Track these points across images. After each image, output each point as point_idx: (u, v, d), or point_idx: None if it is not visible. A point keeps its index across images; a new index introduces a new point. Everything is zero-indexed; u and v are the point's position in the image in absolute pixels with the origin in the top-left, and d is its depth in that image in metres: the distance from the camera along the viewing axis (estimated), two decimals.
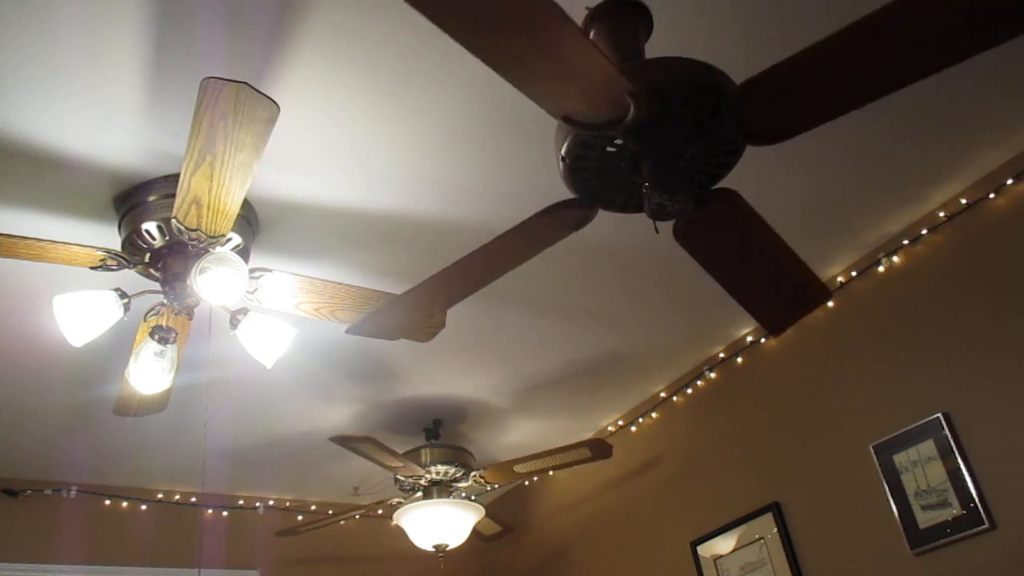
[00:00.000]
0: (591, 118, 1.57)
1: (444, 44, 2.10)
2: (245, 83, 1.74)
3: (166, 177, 2.37)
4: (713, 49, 2.04)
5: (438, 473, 3.88)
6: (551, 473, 4.67)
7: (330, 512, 4.67)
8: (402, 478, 3.87)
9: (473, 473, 3.91)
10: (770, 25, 2.18)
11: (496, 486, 4.75)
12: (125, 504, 4.14)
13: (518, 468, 3.84)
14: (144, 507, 4.19)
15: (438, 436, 4.01)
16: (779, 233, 3.11)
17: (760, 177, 2.66)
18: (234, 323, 2.47)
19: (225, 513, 4.39)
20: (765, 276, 2.12)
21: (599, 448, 3.72)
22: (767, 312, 2.23)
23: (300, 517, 4.58)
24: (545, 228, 1.86)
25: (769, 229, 1.96)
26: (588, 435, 4.44)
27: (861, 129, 2.60)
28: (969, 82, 2.48)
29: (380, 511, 4.64)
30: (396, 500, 3.96)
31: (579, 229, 1.88)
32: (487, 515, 4.09)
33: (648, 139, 1.65)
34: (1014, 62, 2.43)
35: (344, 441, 3.40)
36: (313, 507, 4.67)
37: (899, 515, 2.93)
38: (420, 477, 3.83)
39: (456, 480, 3.92)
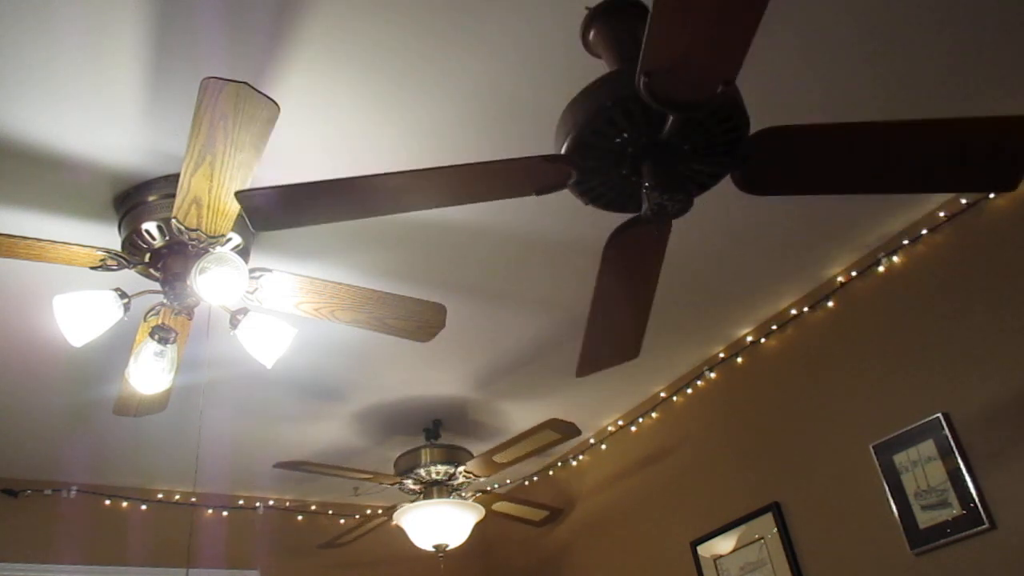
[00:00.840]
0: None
1: (443, 44, 2.11)
2: (245, 83, 1.74)
3: (166, 177, 2.37)
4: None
5: (438, 473, 3.88)
6: (551, 473, 4.68)
7: (330, 512, 4.68)
8: (412, 477, 3.89)
9: (460, 469, 3.91)
10: (770, 25, 2.18)
11: (495, 486, 4.76)
12: (125, 504, 4.14)
13: (497, 458, 3.83)
14: (144, 507, 4.19)
15: (438, 436, 4.01)
16: (779, 233, 3.13)
17: None
18: (234, 323, 2.47)
19: (225, 513, 4.39)
20: (622, 316, 2.14)
21: (563, 427, 3.69)
22: (590, 352, 2.21)
23: (300, 517, 4.59)
24: (518, 170, 1.76)
25: (658, 276, 1.97)
26: (588, 435, 4.44)
27: None
28: (969, 82, 2.48)
29: (380, 511, 4.64)
30: (391, 483, 3.96)
31: (541, 193, 1.80)
32: (527, 502, 4.14)
33: (668, 136, 1.67)
34: (1014, 62, 2.43)
35: (291, 467, 3.44)
36: (313, 507, 4.67)
37: (899, 515, 2.93)
38: (397, 484, 3.87)
39: (455, 480, 3.92)
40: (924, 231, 3.04)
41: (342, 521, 4.69)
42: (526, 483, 4.84)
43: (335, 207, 1.78)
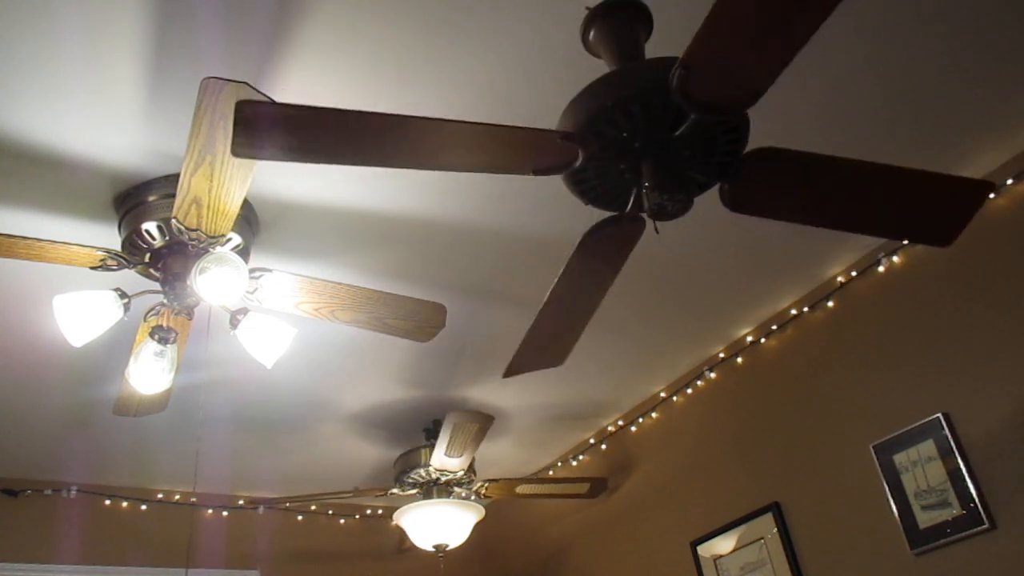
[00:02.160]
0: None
1: (443, 44, 2.11)
2: (245, 83, 1.73)
3: (166, 177, 2.37)
4: None
5: (438, 473, 3.88)
6: (551, 473, 4.67)
7: (330, 512, 4.68)
8: (417, 477, 3.88)
9: (477, 483, 3.93)
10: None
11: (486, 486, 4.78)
12: (125, 504, 4.14)
13: (520, 489, 3.94)
14: (144, 507, 4.19)
15: (438, 436, 4.01)
16: (779, 233, 3.13)
17: None
18: (234, 323, 2.47)
19: (225, 513, 4.39)
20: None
21: (596, 485, 3.96)
22: (922, 230, 2.06)
23: (300, 517, 4.59)
24: (519, 140, 1.68)
25: (848, 161, 1.85)
26: (588, 435, 4.44)
27: (860, 129, 2.60)
28: (969, 82, 2.48)
29: (380, 511, 4.65)
30: (391, 491, 3.95)
31: (538, 173, 1.75)
32: (567, 480, 4.21)
33: (634, 146, 1.68)
34: (1014, 62, 2.43)
35: (464, 417, 3.47)
36: (313, 507, 4.67)
37: (899, 515, 2.93)
38: (442, 474, 3.85)
39: (457, 483, 3.92)
40: None
41: (342, 521, 4.69)
42: None
43: (333, 143, 1.58)
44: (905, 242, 3.08)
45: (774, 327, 3.57)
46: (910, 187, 1.85)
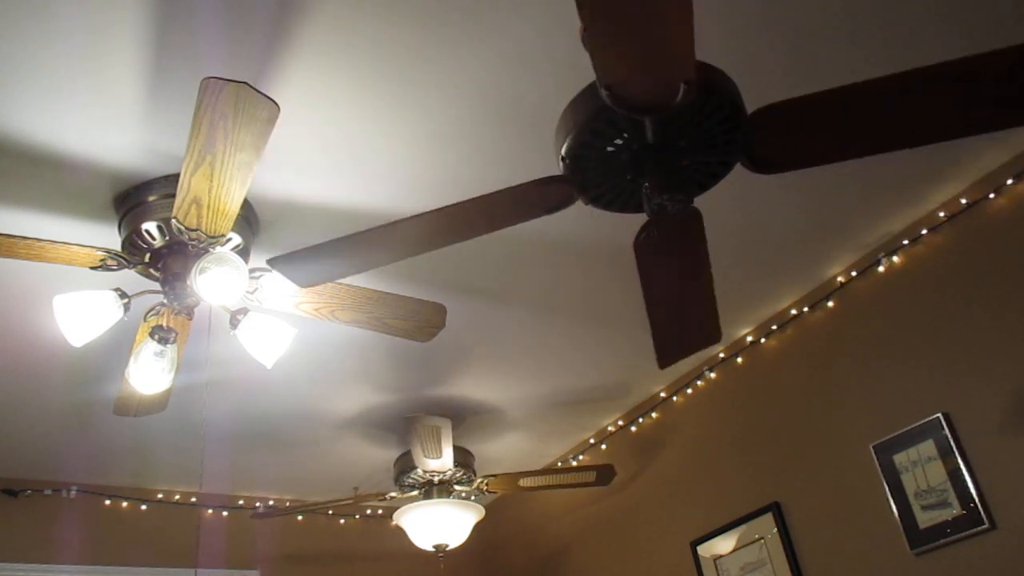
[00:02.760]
0: (632, 95, 1.51)
1: (444, 44, 2.11)
2: (245, 83, 1.73)
3: (166, 177, 2.37)
4: (712, 52, 2.04)
5: (439, 473, 3.88)
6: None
7: (330, 512, 4.67)
8: (416, 476, 3.87)
9: (478, 480, 3.92)
10: (769, 30, 2.18)
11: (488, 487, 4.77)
12: (125, 504, 4.14)
13: (523, 482, 3.89)
14: (144, 507, 4.19)
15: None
16: (779, 233, 3.15)
17: (760, 177, 2.65)
18: (234, 323, 2.47)
19: (225, 513, 4.39)
20: (683, 306, 2.15)
21: (605, 473, 3.82)
22: (665, 341, 2.26)
23: (300, 517, 4.59)
24: (522, 199, 1.78)
25: (708, 259, 1.99)
26: (587, 435, 4.44)
27: None
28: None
29: (380, 511, 4.65)
30: (391, 494, 3.95)
31: (551, 212, 1.83)
32: (574, 468, 4.16)
33: (656, 139, 1.65)
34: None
35: (416, 420, 3.47)
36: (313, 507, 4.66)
37: (899, 515, 2.93)
38: (435, 475, 3.84)
39: (457, 481, 3.92)
40: (924, 231, 3.04)
41: (342, 521, 4.69)
42: None
43: (355, 260, 2.00)
44: (906, 241, 3.08)
45: (774, 327, 3.57)
46: (956, 78, 1.62)
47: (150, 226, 2.37)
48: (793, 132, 1.69)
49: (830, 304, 3.35)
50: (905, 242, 3.10)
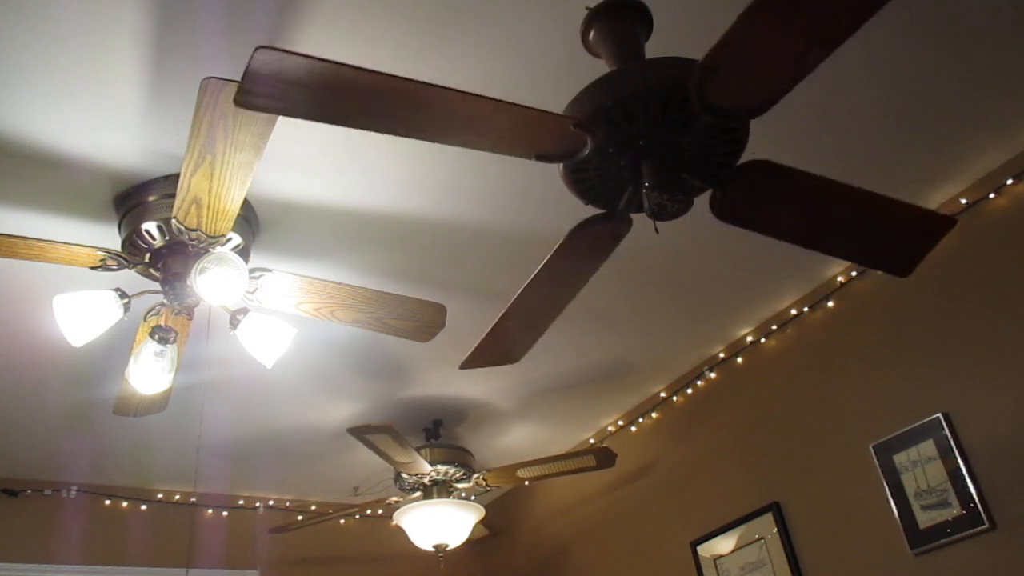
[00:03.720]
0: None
1: (443, 44, 2.11)
2: None
3: (166, 177, 2.37)
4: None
5: (438, 473, 3.88)
6: None
7: (330, 512, 4.67)
8: (407, 476, 3.87)
9: (475, 475, 3.92)
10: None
11: (488, 487, 4.76)
12: (125, 504, 4.14)
13: (521, 472, 3.85)
14: (144, 507, 4.19)
15: (438, 436, 4.01)
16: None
17: None
18: (234, 323, 2.47)
19: (225, 513, 4.39)
20: (857, 225, 2.02)
21: (604, 456, 3.72)
22: (884, 258, 2.12)
23: (300, 517, 4.59)
24: (527, 121, 1.61)
25: (830, 182, 1.87)
26: (587, 435, 4.44)
27: (860, 129, 2.60)
28: (969, 82, 2.48)
29: (380, 511, 4.64)
30: (394, 499, 3.95)
31: (541, 160, 1.71)
32: (556, 458, 4.10)
33: (638, 143, 1.67)
34: (1014, 62, 2.43)
35: (361, 432, 3.37)
36: (313, 507, 4.67)
37: (899, 515, 2.93)
38: (423, 476, 3.84)
39: (456, 480, 3.92)
40: None
41: (342, 521, 4.69)
42: (526, 483, 4.83)
43: (344, 102, 1.53)
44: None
45: (774, 327, 3.56)
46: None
47: (150, 226, 2.37)
48: (765, 196, 1.79)
49: (830, 304, 3.35)
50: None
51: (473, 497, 4.01)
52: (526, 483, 4.79)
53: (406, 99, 1.53)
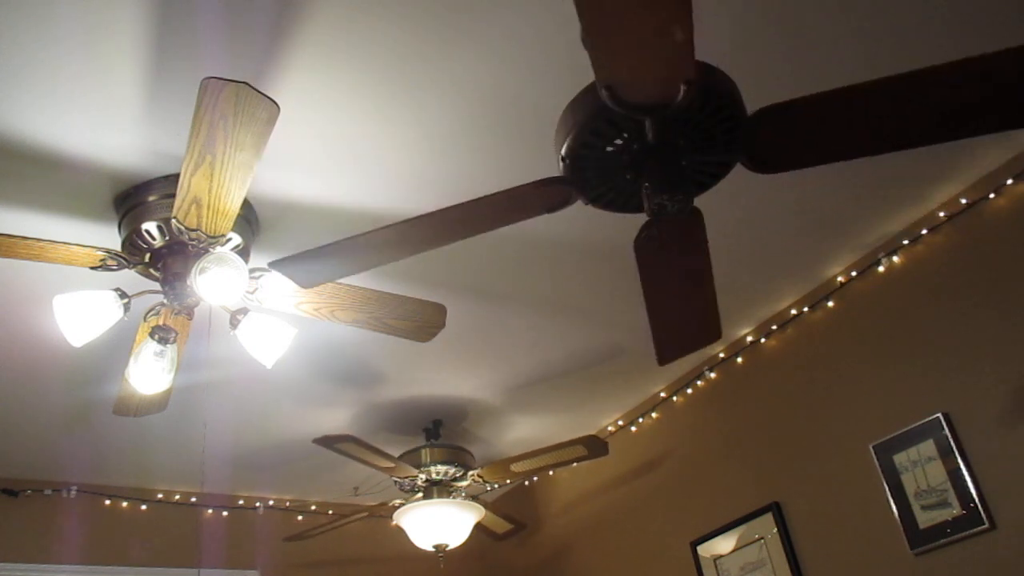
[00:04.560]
0: (632, 95, 1.51)
1: (444, 44, 2.11)
2: (245, 83, 1.73)
3: (166, 177, 2.37)
4: (714, 48, 2.04)
5: (438, 473, 3.88)
6: (551, 473, 4.68)
7: (330, 512, 4.67)
8: (398, 479, 3.87)
9: (471, 472, 3.91)
10: (773, 30, 2.18)
11: (496, 486, 4.76)
12: (125, 504, 4.14)
13: (515, 467, 3.83)
14: (144, 507, 4.19)
15: (438, 436, 4.01)
16: (779, 233, 3.15)
17: (760, 176, 2.65)
18: (234, 323, 2.47)
19: (225, 513, 4.39)
20: (683, 304, 2.16)
21: (595, 445, 3.70)
22: (665, 339, 2.28)
23: (300, 517, 4.59)
24: (521, 200, 1.80)
25: (709, 259, 2.01)
26: (587, 435, 4.43)
27: None
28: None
29: (385, 514, 4.64)
30: (398, 501, 3.95)
31: (551, 212, 1.84)
32: (497, 513, 4.10)
33: (656, 139, 1.65)
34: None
35: (328, 442, 3.41)
36: (313, 507, 4.67)
37: (899, 515, 2.93)
38: (415, 477, 3.84)
39: (456, 480, 3.92)
40: (924, 231, 3.04)
41: (333, 513, 4.68)
42: (526, 483, 4.84)
43: (355, 262, 2.02)
44: (906, 241, 3.08)
45: (774, 327, 3.57)
46: (965, 79, 1.62)
47: (150, 226, 2.37)
48: (793, 132, 1.69)
49: (830, 304, 3.35)
50: (905, 242, 3.10)
51: (474, 497, 4.01)
52: (526, 483, 4.81)
53: (418, 233, 1.90)
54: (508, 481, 4.76)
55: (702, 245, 2.00)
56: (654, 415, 4.13)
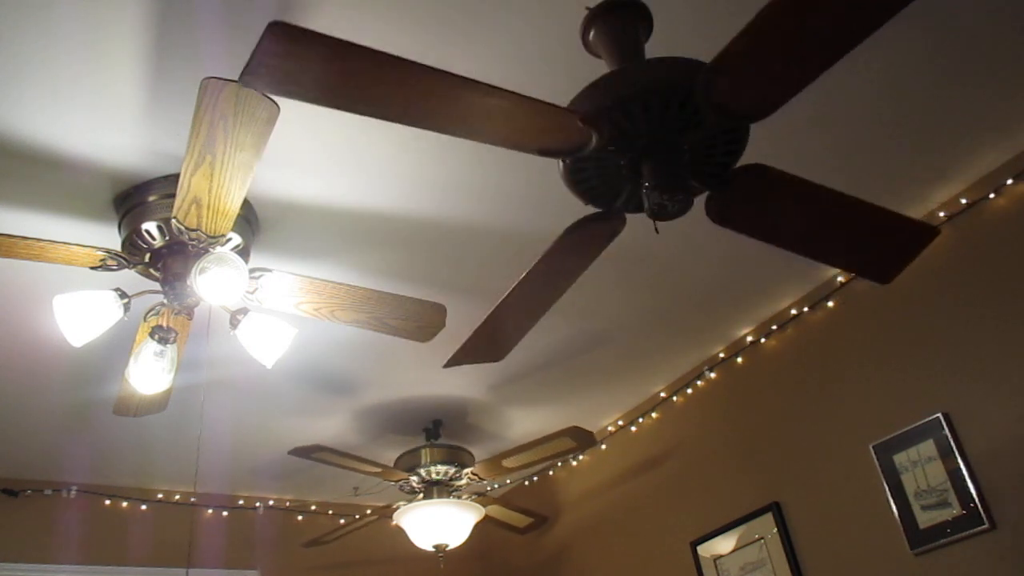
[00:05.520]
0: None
1: (443, 44, 2.11)
2: None
3: (166, 177, 2.37)
4: (715, 48, 2.04)
5: (438, 473, 3.88)
6: (551, 473, 4.68)
7: (330, 512, 4.68)
8: (390, 481, 3.88)
9: (466, 470, 3.91)
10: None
11: (496, 485, 4.76)
12: (125, 504, 4.14)
13: (507, 463, 3.83)
14: (144, 507, 4.19)
15: (438, 436, 4.01)
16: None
17: None
18: (234, 323, 2.47)
19: (225, 513, 4.39)
20: (845, 231, 2.05)
21: (581, 436, 3.68)
22: (867, 265, 2.18)
23: (300, 517, 4.59)
24: (534, 113, 1.59)
25: (823, 189, 1.89)
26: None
27: (861, 129, 2.60)
28: (969, 82, 2.48)
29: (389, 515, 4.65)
30: (402, 503, 3.95)
31: (544, 155, 1.72)
32: (514, 508, 4.15)
33: (639, 143, 1.67)
34: (1014, 62, 2.43)
35: (303, 452, 3.43)
36: (313, 507, 4.67)
37: (899, 515, 2.93)
38: (406, 480, 3.86)
39: (455, 480, 3.92)
40: None
41: (342, 521, 4.68)
42: (525, 483, 4.84)
43: (356, 85, 1.46)
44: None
45: (774, 327, 3.57)
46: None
47: (150, 226, 2.37)
48: (749, 73, 1.62)
49: (830, 304, 3.35)
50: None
51: (475, 496, 4.01)
52: (526, 483, 4.81)
53: (416, 85, 1.50)
54: (508, 481, 4.78)
55: (590, 260, 2.01)
56: (654, 415, 4.13)
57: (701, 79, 1.55)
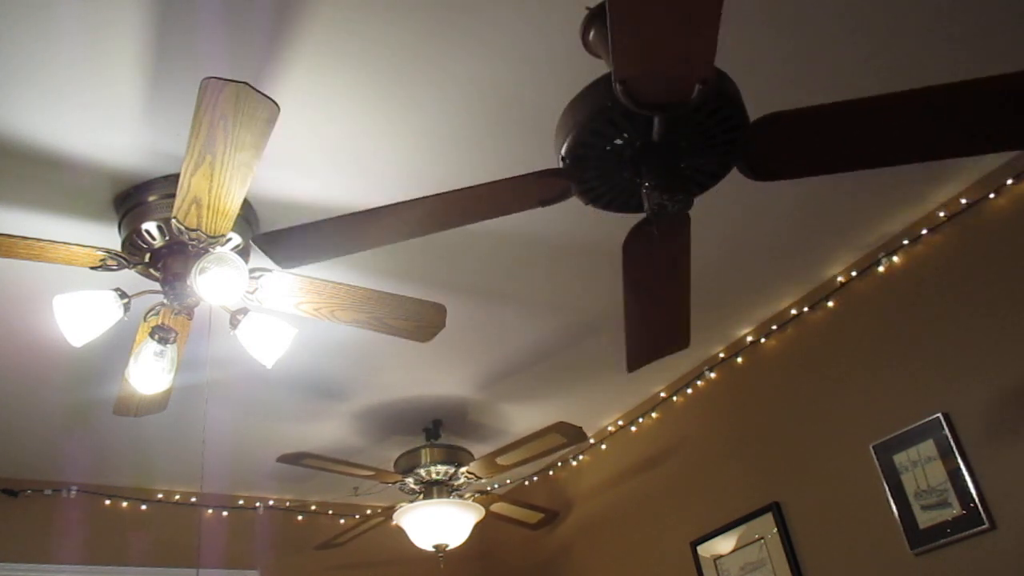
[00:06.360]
0: (647, 91, 1.53)
1: (444, 44, 2.11)
2: (245, 83, 1.73)
3: (166, 177, 2.37)
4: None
5: (438, 473, 3.88)
6: (551, 473, 4.68)
7: (330, 512, 4.68)
8: (386, 483, 3.88)
9: (462, 470, 3.91)
10: (774, 32, 2.18)
11: (496, 485, 4.76)
12: (125, 504, 4.14)
13: (501, 460, 3.83)
14: (144, 507, 4.19)
15: (438, 436, 4.01)
16: (779, 233, 3.16)
17: None
18: (234, 323, 2.47)
19: (225, 513, 4.39)
20: (659, 310, 2.17)
21: (571, 431, 3.67)
22: (635, 346, 2.29)
23: (300, 517, 4.59)
24: (519, 188, 1.78)
25: (688, 266, 2.01)
26: (589, 435, 4.43)
27: None
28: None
29: (379, 510, 4.64)
30: (399, 505, 3.95)
31: (546, 204, 1.83)
32: (523, 504, 4.16)
33: (659, 138, 1.65)
34: (1014, 62, 2.43)
35: (291, 459, 3.44)
36: (313, 507, 4.67)
37: (899, 515, 2.93)
38: (401, 482, 3.86)
39: (454, 479, 3.92)
40: (924, 231, 3.04)
41: (342, 521, 4.69)
42: (526, 483, 4.84)
43: (346, 242, 1.92)
44: (906, 241, 3.08)
45: (774, 327, 3.57)
46: (962, 100, 1.65)
47: (150, 226, 2.37)
48: (791, 142, 1.72)
49: (830, 304, 3.35)
50: (905, 242, 3.10)
51: (483, 492, 4.01)
52: (526, 483, 4.81)
53: (409, 215, 1.84)
54: (508, 481, 4.78)
55: (687, 248, 1.99)
56: (654, 415, 4.13)
57: (617, 93, 1.52)
